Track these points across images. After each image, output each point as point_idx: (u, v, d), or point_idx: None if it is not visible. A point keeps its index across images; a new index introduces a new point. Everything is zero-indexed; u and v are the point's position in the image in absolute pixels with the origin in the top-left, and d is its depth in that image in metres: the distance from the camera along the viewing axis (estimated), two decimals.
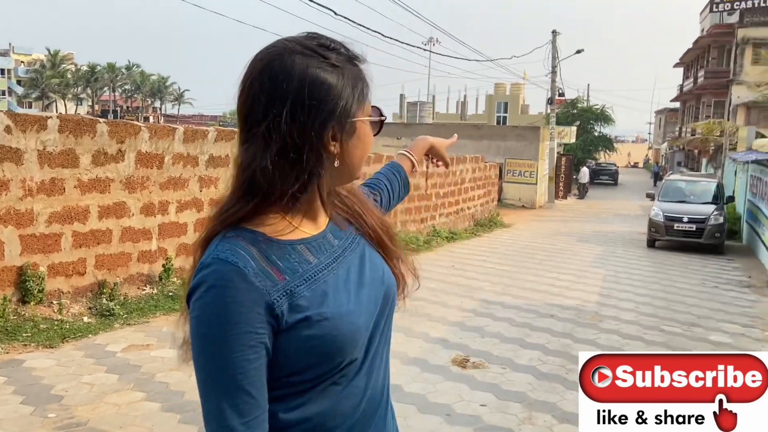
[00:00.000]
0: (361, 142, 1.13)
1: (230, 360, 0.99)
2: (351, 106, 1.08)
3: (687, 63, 40.33)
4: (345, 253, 1.16)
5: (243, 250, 1.02)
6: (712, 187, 15.00)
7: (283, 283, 1.03)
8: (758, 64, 27.19)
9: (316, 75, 1.04)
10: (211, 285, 0.99)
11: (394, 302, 1.21)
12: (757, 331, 7.08)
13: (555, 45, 23.73)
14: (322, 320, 1.04)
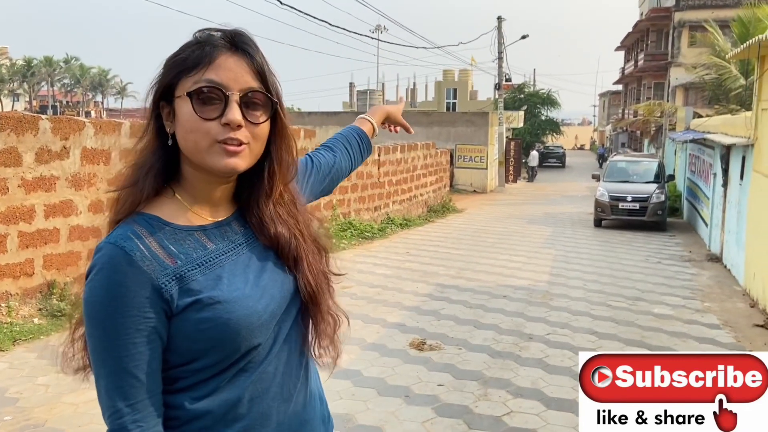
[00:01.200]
0: (180, 122, 1.06)
1: (116, 342, 1.00)
2: (172, 80, 1.07)
3: (627, 46, 41.48)
4: (250, 240, 1.15)
5: (134, 234, 1.04)
6: (654, 166, 15.59)
7: (173, 267, 1.03)
8: (694, 46, 28.15)
9: (168, 56, 1.09)
10: (99, 268, 1.01)
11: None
12: (697, 302, 7.46)
13: (500, 31, 24.08)
14: (213, 303, 1.04)
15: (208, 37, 1.08)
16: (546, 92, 34.31)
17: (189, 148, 1.07)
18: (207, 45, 1.07)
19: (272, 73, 1.12)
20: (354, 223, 12.14)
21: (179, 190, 1.13)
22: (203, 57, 1.06)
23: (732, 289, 8.29)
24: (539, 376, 4.84)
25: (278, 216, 1.17)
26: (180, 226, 1.09)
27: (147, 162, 1.10)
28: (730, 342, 5.92)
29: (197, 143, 1.05)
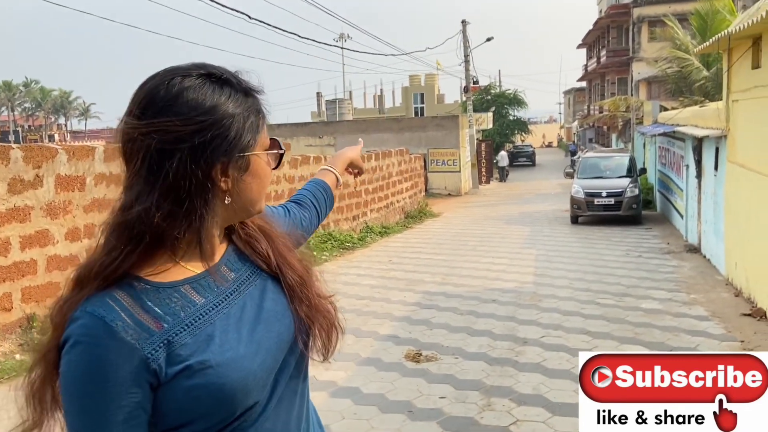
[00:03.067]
0: (257, 178, 1.05)
1: (95, 421, 0.92)
2: (243, 139, 1.01)
3: (589, 44, 42.20)
4: (242, 287, 1.07)
5: (113, 300, 0.93)
6: (626, 161, 15.82)
7: (160, 333, 0.94)
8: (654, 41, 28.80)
9: (203, 104, 0.97)
10: (76, 341, 0.91)
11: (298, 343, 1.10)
12: (683, 294, 7.54)
13: (465, 34, 24.26)
14: (205, 368, 0.95)
15: (247, 89, 1.05)
16: (512, 92, 34.69)
17: (254, 198, 1.06)
18: (250, 97, 1.05)
19: None
20: (334, 234, 12.04)
21: (182, 247, 1.01)
22: (260, 110, 1.06)
23: (714, 279, 8.41)
24: (540, 381, 4.81)
25: (259, 227, 1.15)
26: (165, 283, 0.99)
27: (150, 221, 0.96)
28: (720, 333, 5.98)
29: (261, 192, 1.07)
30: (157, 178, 0.94)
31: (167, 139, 0.94)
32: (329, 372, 5.13)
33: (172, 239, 0.98)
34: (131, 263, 0.96)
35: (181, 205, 0.96)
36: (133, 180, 0.97)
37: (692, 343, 5.70)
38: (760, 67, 6.91)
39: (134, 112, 0.97)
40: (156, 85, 0.98)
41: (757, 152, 7.08)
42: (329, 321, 1.14)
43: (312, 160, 11.99)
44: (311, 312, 1.12)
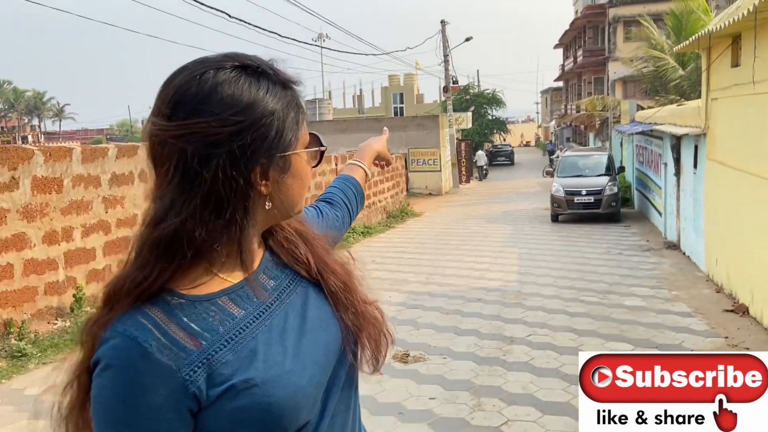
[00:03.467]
0: (298, 179, 0.96)
1: None
2: (284, 138, 0.92)
3: (566, 44, 42.60)
4: (283, 296, 0.98)
5: (146, 318, 0.85)
6: (604, 159, 15.96)
7: (198, 351, 0.86)
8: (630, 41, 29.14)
9: (240, 101, 0.87)
10: (107, 364, 0.83)
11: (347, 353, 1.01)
12: (665, 291, 7.61)
13: (444, 34, 24.31)
14: (250, 388, 0.87)
15: (285, 81, 0.95)
16: (491, 92, 34.86)
17: (295, 200, 0.98)
18: (288, 89, 0.95)
19: None
20: None
21: (220, 255, 0.93)
22: (299, 104, 0.97)
23: (695, 275, 8.51)
24: (529, 381, 4.80)
25: (296, 230, 1.07)
26: (200, 296, 0.90)
27: (203, 227, 0.88)
28: (704, 329, 6.04)
29: (302, 193, 0.99)
30: (193, 186, 0.86)
31: (203, 143, 0.85)
32: None
33: (209, 251, 0.89)
34: (166, 279, 0.87)
35: (221, 214, 0.87)
36: (165, 188, 0.87)
37: (677, 340, 5.74)
38: (739, 65, 7.00)
39: (163, 111, 0.87)
40: (186, 81, 0.87)
41: (737, 150, 7.17)
42: (377, 329, 1.06)
43: None
44: (358, 320, 1.03)
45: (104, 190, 7.15)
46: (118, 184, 7.39)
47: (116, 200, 7.38)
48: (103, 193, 7.13)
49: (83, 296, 6.61)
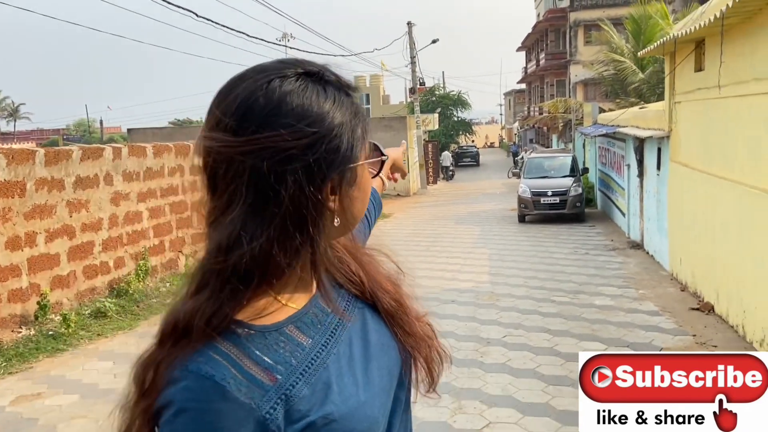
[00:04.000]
0: (362, 191, 0.90)
1: None
2: (354, 149, 0.86)
3: (528, 47, 43.23)
4: (342, 320, 0.94)
5: (219, 353, 0.78)
6: (569, 161, 16.25)
7: (275, 387, 0.80)
8: (590, 44, 29.79)
9: (311, 112, 0.81)
10: (180, 408, 0.76)
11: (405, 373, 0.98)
12: (632, 290, 7.78)
13: (411, 36, 24.39)
14: (328, 423, 0.82)
15: (348, 88, 0.89)
16: (456, 94, 35.14)
17: (358, 214, 0.90)
18: (350, 97, 0.88)
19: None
20: None
21: (284, 280, 0.87)
22: (362, 112, 0.89)
23: (659, 274, 8.71)
24: (508, 382, 4.84)
25: (344, 247, 1.00)
26: (268, 326, 0.83)
27: (301, 255, 0.84)
28: (672, 328, 6.19)
29: (363, 209, 0.91)
30: (269, 206, 0.79)
31: (277, 159, 0.78)
32: None
33: (281, 276, 0.83)
34: (238, 310, 0.81)
35: (297, 235, 0.81)
36: (232, 209, 0.79)
37: (647, 339, 5.87)
38: (703, 69, 7.20)
39: (228, 125, 0.79)
40: (251, 91, 0.80)
41: (700, 152, 7.38)
42: (431, 346, 1.01)
43: None
44: (414, 340, 0.99)
45: (68, 194, 6.95)
46: (82, 188, 7.19)
47: (81, 204, 7.18)
48: (67, 197, 6.92)
49: (48, 303, 6.40)
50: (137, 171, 8.39)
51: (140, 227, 8.44)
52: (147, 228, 8.60)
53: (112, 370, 5.46)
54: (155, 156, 8.82)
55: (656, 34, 19.42)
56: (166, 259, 9.02)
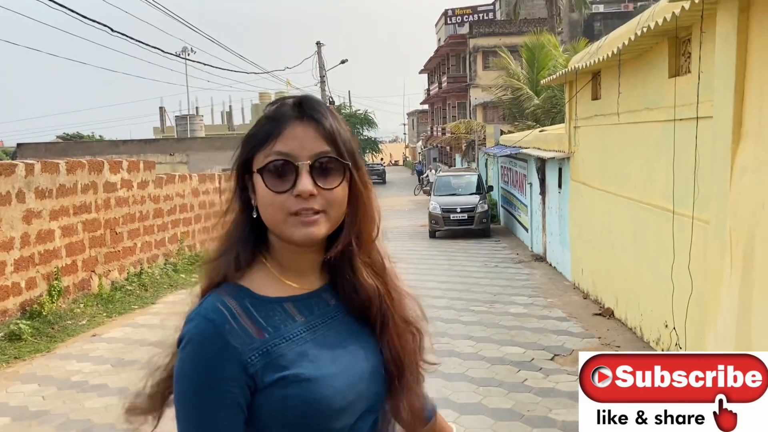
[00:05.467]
0: (258, 197, 1.06)
1: (201, 417, 1.00)
2: (248, 156, 1.08)
3: (431, 69, 44.85)
4: (340, 315, 1.13)
5: (224, 306, 1.03)
6: (475, 179, 17.14)
7: (260, 341, 1.02)
8: (489, 69, 31.43)
9: (246, 133, 1.12)
10: (188, 340, 1.01)
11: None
12: (541, 299, 8.42)
13: (321, 55, 24.73)
14: (299, 381, 1.01)
15: (277, 110, 1.09)
16: (363, 113, 35.80)
17: (268, 221, 1.06)
18: (276, 118, 1.07)
19: (345, 135, 1.10)
20: (201, 255, 11.69)
21: (270, 259, 1.11)
22: (272, 130, 1.06)
23: (563, 284, 9.46)
24: (441, 386, 5.17)
25: (365, 277, 1.14)
26: (269, 298, 1.08)
27: (235, 234, 1.11)
28: (580, 331, 6.80)
29: (274, 216, 1.04)
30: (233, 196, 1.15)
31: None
32: None
33: (242, 245, 1.10)
34: (234, 266, 1.08)
35: (241, 215, 1.14)
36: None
37: (559, 342, 6.43)
38: (599, 98, 8.01)
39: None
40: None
41: (597, 171, 8.17)
42: (413, 394, 1.18)
43: (177, 179, 11.57)
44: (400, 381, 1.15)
45: None
46: None
47: None
48: None
49: None
50: (50, 188, 8.07)
51: (52, 246, 8.10)
52: (59, 247, 8.26)
53: (39, 392, 5.28)
54: (68, 173, 8.51)
55: (549, 62, 20.97)
56: (78, 279, 8.68)
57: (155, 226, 10.59)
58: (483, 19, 37.08)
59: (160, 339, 1.11)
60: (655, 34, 5.45)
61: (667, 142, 5.48)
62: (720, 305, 4.37)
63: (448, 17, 39.09)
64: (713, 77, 4.48)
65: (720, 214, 4.34)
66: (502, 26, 33.91)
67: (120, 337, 7.02)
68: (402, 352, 1.15)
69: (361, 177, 1.11)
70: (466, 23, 36.64)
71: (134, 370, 5.79)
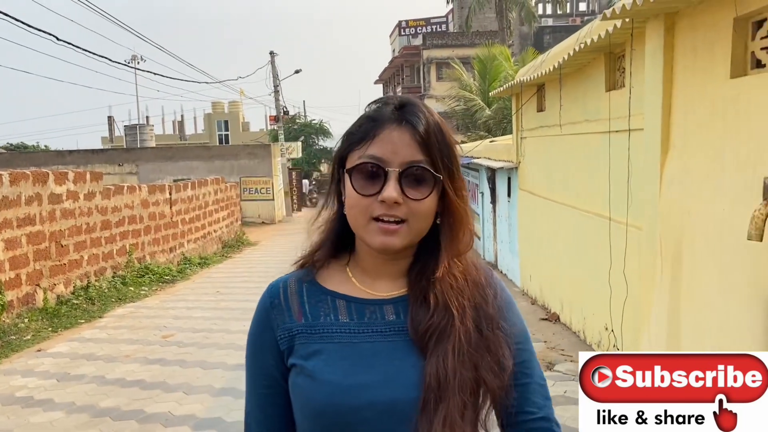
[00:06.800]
0: (346, 195, 1.06)
1: (248, 372, 1.13)
2: (344, 153, 1.07)
3: (385, 80, 45.23)
4: (392, 334, 1.04)
5: (283, 284, 1.12)
6: None
7: (297, 324, 1.06)
8: (442, 80, 31.97)
9: (346, 129, 1.11)
10: (258, 301, 1.14)
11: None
12: None
13: (274, 65, 24.70)
14: (304, 374, 1.02)
15: (378, 110, 1.07)
16: (318, 123, 35.81)
17: (351, 222, 1.06)
18: (375, 119, 1.05)
19: (444, 145, 1.05)
20: (151, 267, 11.52)
21: (353, 256, 1.12)
22: (369, 131, 1.04)
23: (513, 290, 9.65)
24: None
25: (439, 291, 1.05)
26: (326, 289, 1.10)
27: (327, 227, 1.14)
28: None
29: (356, 218, 1.04)
30: (330, 190, 1.17)
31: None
32: (185, 406, 5.07)
33: (329, 245, 1.14)
34: (315, 259, 1.14)
35: (338, 210, 1.14)
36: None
37: None
38: (544, 110, 8.30)
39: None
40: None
41: (543, 181, 8.44)
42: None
43: (126, 190, 11.38)
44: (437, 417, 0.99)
45: None
46: None
47: None
48: None
49: None
50: None
51: None
52: (2, 261, 8.03)
53: None
54: (12, 184, 8.29)
55: (500, 73, 21.50)
56: (23, 293, 8.44)
57: (103, 238, 10.39)
58: (436, 30, 37.71)
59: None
60: (592, 49, 5.72)
61: (604, 153, 5.74)
62: (652, 307, 4.61)
63: (402, 29, 39.58)
64: (644, 92, 4.75)
65: (651, 221, 4.59)
66: (454, 38, 34.51)
67: (66, 352, 6.87)
68: (448, 373, 1.00)
69: (456, 190, 1.07)
70: (419, 35, 37.16)
71: (80, 385, 5.70)
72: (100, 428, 4.71)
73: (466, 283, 1.08)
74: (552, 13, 37.85)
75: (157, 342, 7.14)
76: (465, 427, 1.00)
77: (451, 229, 1.08)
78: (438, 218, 1.07)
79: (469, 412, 1.02)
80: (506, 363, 1.05)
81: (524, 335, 1.15)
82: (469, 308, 1.05)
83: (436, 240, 1.08)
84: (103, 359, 6.54)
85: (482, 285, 1.10)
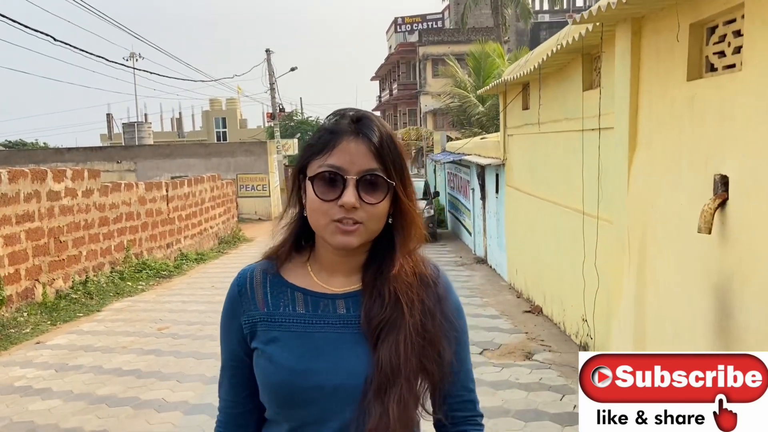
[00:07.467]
0: (307, 200, 1.18)
1: (221, 349, 1.26)
2: (305, 162, 1.19)
3: (382, 77, 45.39)
4: (342, 327, 1.18)
5: (251, 274, 1.25)
6: (422, 185, 17.58)
7: (258, 312, 1.20)
8: (438, 77, 32.15)
9: (307, 140, 1.24)
10: (228, 290, 1.26)
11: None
12: (477, 299, 8.87)
13: (270, 63, 24.87)
14: (264, 357, 1.17)
15: (336, 123, 1.19)
16: (315, 120, 35.98)
17: (312, 223, 1.18)
18: (333, 131, 1.17)
19: (395, 154, 1.17)
20: (148, 262, 11.74)
21: (313, 253, 1.25)
22: (328, 142, 1.16)
23: (500, 284, 9.94)
24: None
25: (393, 287, 1.18)
26: (287, 281, 1.23)
27: (291, 225, 1.27)
28: (509, 327, 7.25)
29: (318, 220, 1.16)
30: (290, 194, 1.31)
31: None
32: (177, 393, 5.31)
33: (291, 241, 1.27)
34: (279, 253, 1.28)
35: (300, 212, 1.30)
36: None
37: (489, 337, 6.85)
38: (528, 108, 8.52)
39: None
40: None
41: (528, 177, 8.67)
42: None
43: (123, 187, 11.60)
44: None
45: None
46: None
47: None
48: None
49: None
50: None
51: None
52: (1, 256, 8.26)
53: None
54: (11, 182, 8.52)
55: (494, 70, 21.67)
56: (22, 288, 8.68)
57: (101, 235, 10.62)
58: (432, 27, 37.84)
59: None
60: (569, 51, 5.95)
61: (580, 150, 5.98)
62: (622, 297, 4.85)
63: (398, 25, 39.72)
64: (614, 92, 4.98)
65: (619, 215, 4.83)
66: (450, 35, 34.65)
67: (64, 344, 7.10)
68: (400, 361, 1.13)
69: (408, 194, 1.20)
70: (415, 31, 37.32)
71: (78, 374, 5.93)
72: (96, 414, 4.95)
73: (415, 278, 1.22)
74: (548, 9, 37.99)
75: (152, 334, 7.37)
76: (414, 407, 1.15)
77: (403, 229, 1.22)
78: (390, 219, 1.21)
79: (415, 395, 1.16)
80: (444, 354, 1.19)
81: (461, 328, 1.28)
82: (417, 302, 1.19)
83: (387, 238, 1.22)
84: (101, 350, 6.78)
85: (427, 280, 1.25)
